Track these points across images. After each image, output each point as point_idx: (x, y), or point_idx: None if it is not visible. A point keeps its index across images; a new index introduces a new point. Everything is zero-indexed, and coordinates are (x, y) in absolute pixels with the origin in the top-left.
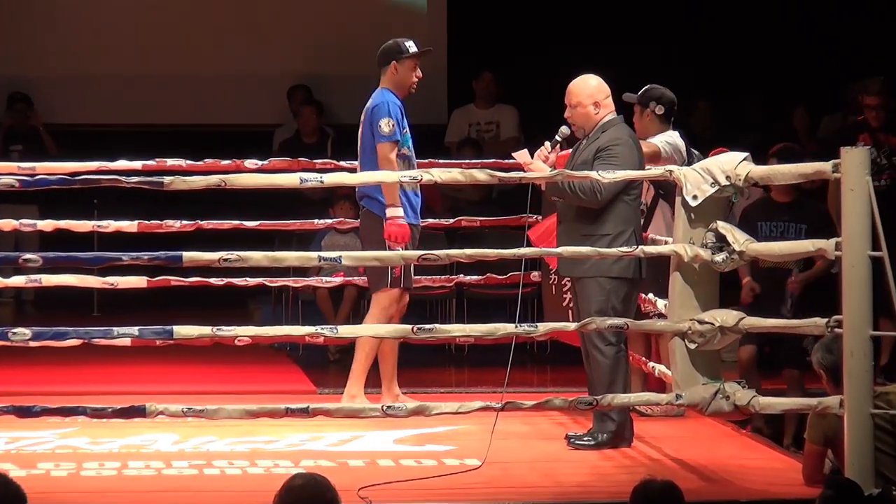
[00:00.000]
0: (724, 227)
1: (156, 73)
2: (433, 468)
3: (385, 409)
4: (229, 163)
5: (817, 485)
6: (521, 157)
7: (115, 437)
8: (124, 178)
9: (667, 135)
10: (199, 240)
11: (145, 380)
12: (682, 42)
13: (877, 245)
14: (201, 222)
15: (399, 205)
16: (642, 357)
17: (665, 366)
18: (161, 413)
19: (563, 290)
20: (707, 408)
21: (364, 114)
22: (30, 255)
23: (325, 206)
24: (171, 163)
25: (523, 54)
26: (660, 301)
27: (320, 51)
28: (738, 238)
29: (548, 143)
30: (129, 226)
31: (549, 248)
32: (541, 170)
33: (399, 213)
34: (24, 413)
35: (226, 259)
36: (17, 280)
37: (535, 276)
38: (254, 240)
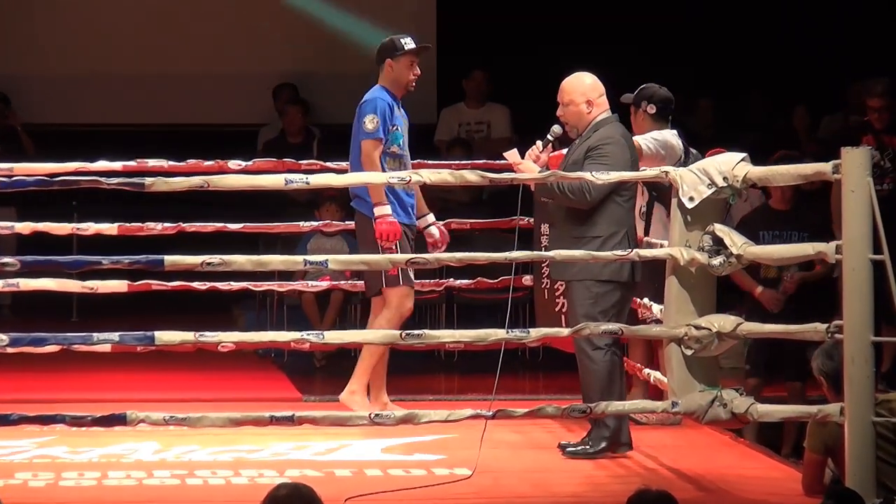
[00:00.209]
0: (721, 229)
1: (137, 72)
2: (422, 478)
3: (373, 417)
4: (212, 163)
5: (817, 495)
6: (512, 156)
7: (95, 446)
8: (104, 180)
9: (653, 133)
10: (181, 243)
11: (126, 387)
12: (681, 41)
13: (878, 248)
14: (184, 225)
15: (386, 202)
16: (644, 364)
17: (662, 372)
18: (142, 421)
19: (556, 294)
20: (704, 416)
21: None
22: (7, 259)
23: (311, 208)
24: (152, 163)
25: (516, 52)
26: (655, 306)
27: (307, 49)
28: (736, 241)
29: (539, 143)
30: (109, 228)
31: (541, 252)
32: (530, 170)
33: (387, 211)
34: (0, 421)
35: (209, 263)
36: None
37: (526, 279)
38: (238, 243)
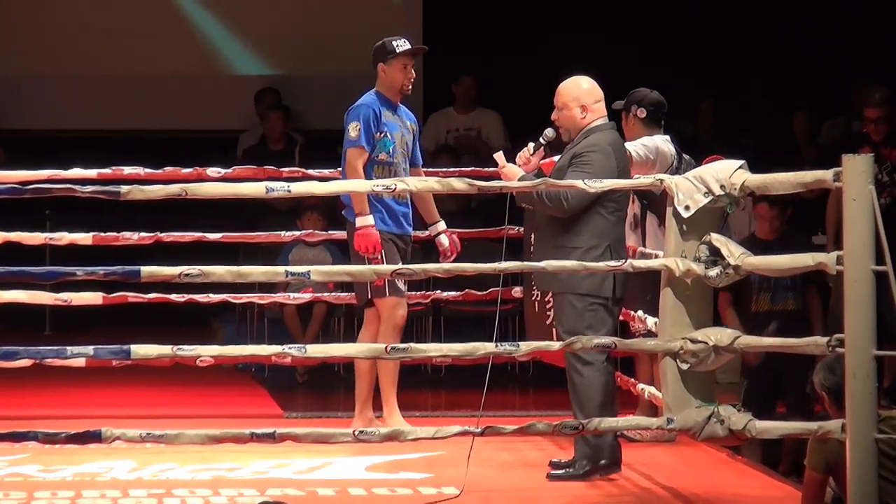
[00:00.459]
0: (718, 239)
1: (112, 75)
2: (408, 497)
3: (357, 433)
4: (190, 171)
5: None
6: (499, 158)
7: (69, 465)
8: (78, 188)
9: (642, 139)
10: (158, 253)
11: (101, 403)
12: (681, 41)
13: (881, 259)
14: (161, 234)
15: (367, 213)
16: (650, 384)
17: (657, 387)
18: (118, 438)
19: (547, 306)
20: (700, 432)
21: None
22: None
23: (293, 217)
24: (128, 171)
25: (509, 53)
26: (650, 319)
27: (290, 52)
28: (734, 251)
29: (531, 145)
30: (83, 238)
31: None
32: (513, 174)
33: (367, 222)
34: None
35: (187, 274)
36: None
37: (516, 291)
38: (217, 253)
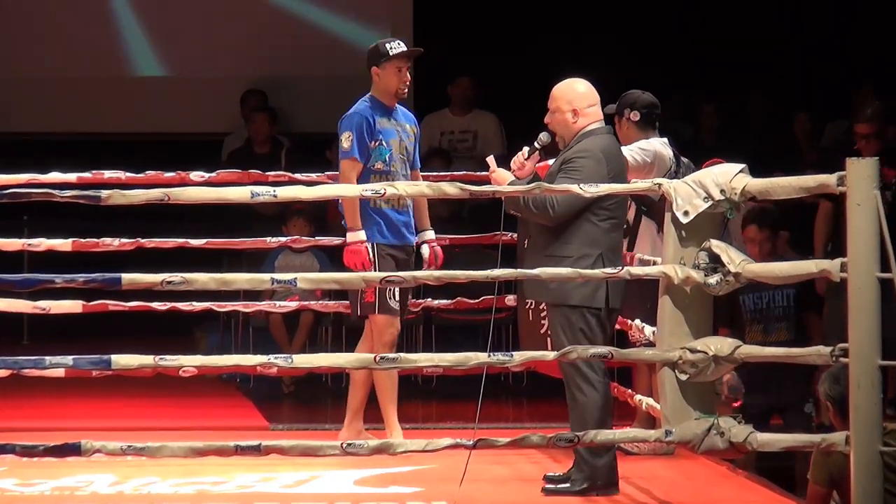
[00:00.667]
0: (718, 245)
1: (91, 77)
2: None
3: (345, 446)
4: (173, 175)
5: None
6: (491, 162)
7: (47, 479)
8: (57, 192)
9: (640, 143)
10: (139, 260)
11: (80, 414)
12: (680, 43)
13: (886, 266)
14: (142, 240)
15: (358, 228)
16: (648, 394)
17: (655, 399)
18: (98, 451)
19: (541, 315)
20: (700, 445)
21: None
22: None
23: (279, 222)
24: (108, 175)
25: (504, 53)
26: (647, 328)
27: (278, 52)
28: (734, 258)
29: (526, 149)
30: (62, 244)
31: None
32: (503, 178)
33: (357, 238)
34: None
35: (169, 281)
36: None
37: (509, 299)
38: (200, 260)
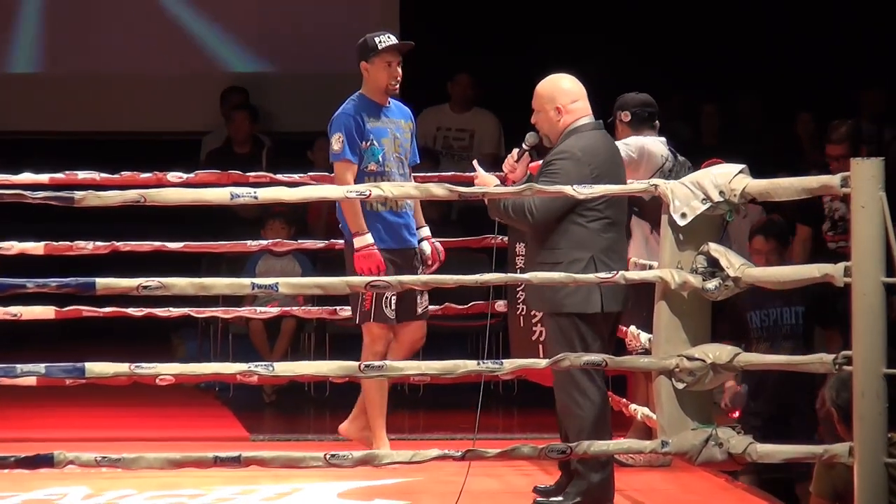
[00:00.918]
0: (717, 249)
1: (64, 73)
2: None
3: (328, 457)
4: (150, 176)
5: None
6: (476, 166)
7: (19, 491)
8: (29, 193)
9: (626, 139)
10: (115, 264)
11: (53, 425)
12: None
13: (892, 270)
14: (118, 244)
15: (364, 231)
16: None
17: (651, 408)
18: (71, 462)
19: (533, 321)
20: (697, 456)
21: None
22: None
23: (260, 225)
24: (82, 176)
25: (500, 53)
26: (644, 334)
27: (259, 49)
28: (734, 262)
29: (515, 151)
30: (34, 248)
31: (516, 275)
32: (487, 183)
33: (365, 242)
34: None
35: (146, 286)
36: None
37: (500, 305)
38: (178, 264)
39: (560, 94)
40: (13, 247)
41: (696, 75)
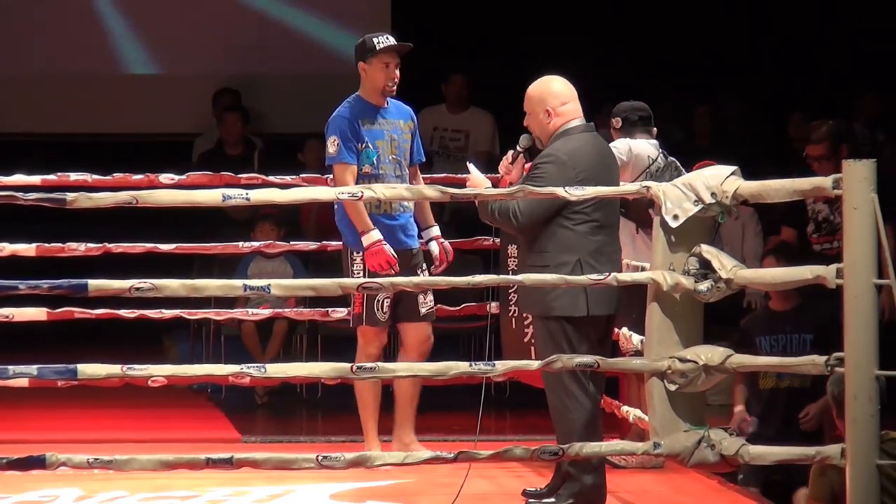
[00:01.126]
0: (709, 251)
1: (56, 74)
2: None
3: (320, 459)
4: (142, 177)
5: None
6: (470, 167)
7: (10, 493)
8: (21, 195)
9: (613, 142)
10: (107, 265)
11: (45, 426)
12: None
13: (883, 272)
14: (110, 245)
15: (370, 229)
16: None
17: (643, 410)
18: (63, 464)
19: (525, 323)
20: (689, 458)
21: None
22: None
23: (252, 227)
24: (74, 177)
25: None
26: (636, 336)
27: (252, 50)
28: (725, 264)
29: (510, 153)
30: (26, 249)
31: (508, 276)
32: (479, 185)
33: (372, 239)
34: None
35: (138, 288)
36: None
37: (492, 307)
38: (170, 265)
39: (550, 97)
40: (5, 248)
41: (688, 78)
